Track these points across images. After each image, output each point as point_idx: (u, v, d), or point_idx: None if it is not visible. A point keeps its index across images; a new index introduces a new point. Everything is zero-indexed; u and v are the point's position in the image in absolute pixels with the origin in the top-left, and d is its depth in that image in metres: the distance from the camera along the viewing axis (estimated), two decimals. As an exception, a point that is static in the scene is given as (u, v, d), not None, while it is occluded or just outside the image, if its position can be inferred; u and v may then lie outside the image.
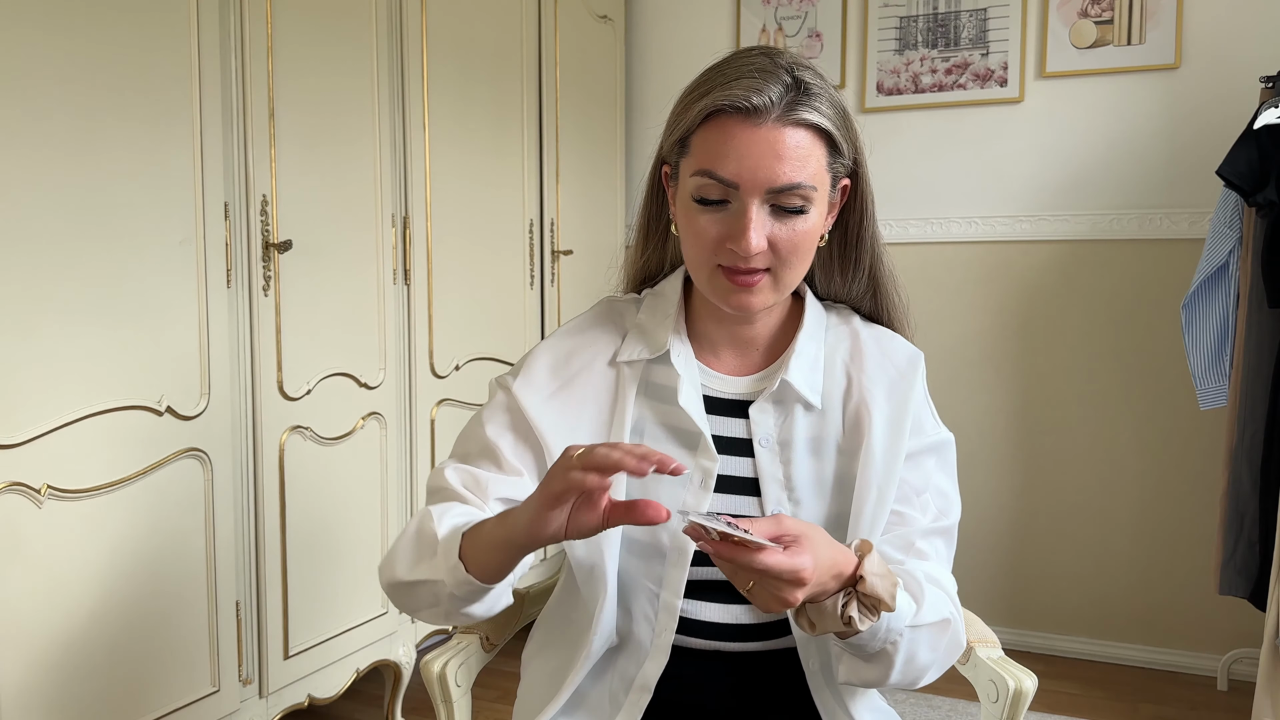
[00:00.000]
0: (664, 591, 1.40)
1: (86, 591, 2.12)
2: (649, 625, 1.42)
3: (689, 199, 1.34)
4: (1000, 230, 3.74)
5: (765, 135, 1.28)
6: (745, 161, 1.28)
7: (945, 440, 1.49)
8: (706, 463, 1.41)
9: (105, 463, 2.14)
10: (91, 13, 2.07)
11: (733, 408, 1.46)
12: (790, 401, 1.44)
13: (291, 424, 2.59)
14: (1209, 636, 3.57)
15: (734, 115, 1.29)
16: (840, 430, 1.44)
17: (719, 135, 1.30)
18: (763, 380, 1.47)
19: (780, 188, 1.28)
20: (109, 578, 2.16)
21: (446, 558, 1.25)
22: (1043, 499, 3.76)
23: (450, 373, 3.14)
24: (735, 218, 1.31)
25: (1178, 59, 3.48)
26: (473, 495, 1.38)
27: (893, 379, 1.46)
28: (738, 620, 1.42)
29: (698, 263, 1.37)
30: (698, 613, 1.41)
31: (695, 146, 1.33)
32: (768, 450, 1.42)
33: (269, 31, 2.47)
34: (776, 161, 1.28)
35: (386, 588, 1.36)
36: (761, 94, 1.27)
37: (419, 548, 1.31)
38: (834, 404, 1.45)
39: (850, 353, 1.48)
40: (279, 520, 2.57)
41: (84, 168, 2.06)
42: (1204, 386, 3.20)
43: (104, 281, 2.11)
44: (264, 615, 2.55)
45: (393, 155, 2.89)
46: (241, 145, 2.42)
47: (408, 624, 3.06)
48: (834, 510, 1.42)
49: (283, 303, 2.53)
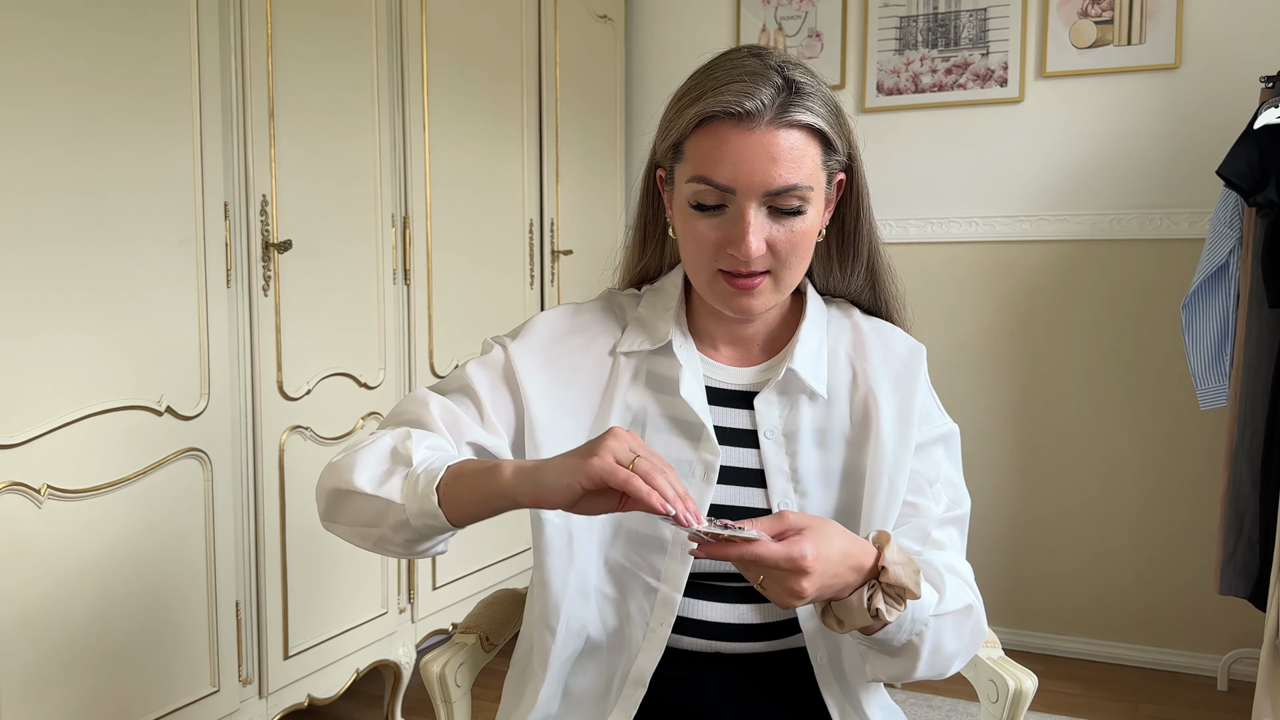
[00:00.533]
0: (663, 585, 1.39)
1: (86, 591, 2.12)
2: (643, 619, 1.40)
3: (686, 205, 1.34)
4: (1000, 230, 3.74)
5: (759, 139, 1.28)
6: (740, 166, 1.28)
7: (952, 430, 1.49)
8: (708, 455, 1.40)
9: (105, 463, 2.14)
10: (92, 12, 2.07)
11: (736, 398, 1.46)
12: (795, 392, 1.43)
13: (291, 424, 2.59)
14: (1209, 636, 3.57)
15: (726, 120, 1.29)
16: (847, 421, 1.44)
17: (712, 141, 1.30)
18: (767, 371, 1.47)
19: (777, 190, 1.28)
20: (109, 578, 2.17)
21: (420, 487, 1.21)
22: (1043, 499, 3.76)
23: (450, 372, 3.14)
24: (733, 222, 1.31)
25: (1178, 59, 3.48)
26: (448, 434, 1.36)
27: (897, 371, 1.46)
28: (742, 620, 1.41)
29: (697, 268, 1.37)
30: (698, 612, 1.40)
31: (689, 152, 1.33)
32: (773, 441, 1.42)
33: (269, 31, 2.47)
34: (772, 164, 1.28)
35: (326, 491, 1.32)
36: (753, 98, 1.27)
37: (390, 464, 1.27)
38: (840, 395, 1.45)
39: (853, 345, 1.49)
40: (279, 520, 2.58)
41: (84, 167, 2.06)
42: (1204, 386, 3.21)
43: (104, 281, 2.12)
44: (264, 615, 2.55)
45: (393, 155, 2.90)
46: (241, 145, 2.42)
47: (408, 624, 3.07)
48: (842, 502, 1.42)
49: (282, 303, 2.54)
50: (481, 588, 3.31)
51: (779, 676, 1.44)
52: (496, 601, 1.71)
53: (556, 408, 1.43)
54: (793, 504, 1.39)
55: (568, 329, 1.49)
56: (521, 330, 1.49)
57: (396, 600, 2.99)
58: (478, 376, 1.43)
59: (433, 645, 3.25)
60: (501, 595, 1.73)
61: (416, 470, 1.24)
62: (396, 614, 3.00)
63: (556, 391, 1.43)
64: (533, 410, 1.41)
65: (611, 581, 1.42)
